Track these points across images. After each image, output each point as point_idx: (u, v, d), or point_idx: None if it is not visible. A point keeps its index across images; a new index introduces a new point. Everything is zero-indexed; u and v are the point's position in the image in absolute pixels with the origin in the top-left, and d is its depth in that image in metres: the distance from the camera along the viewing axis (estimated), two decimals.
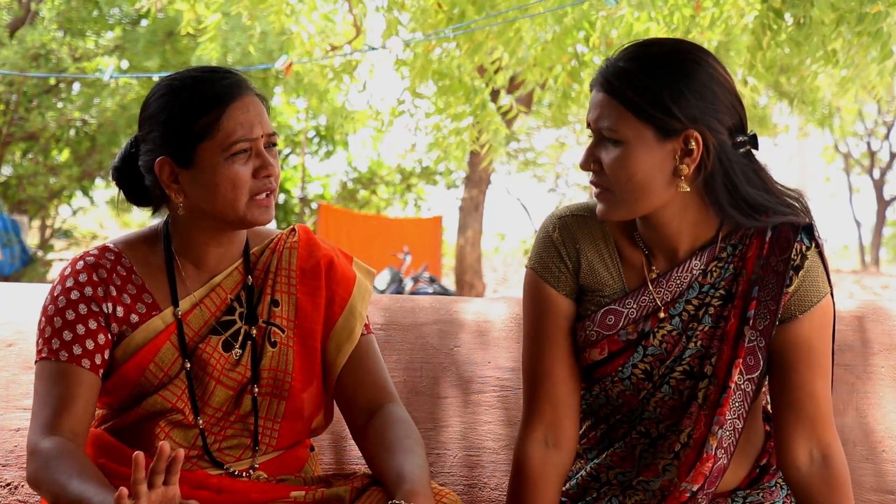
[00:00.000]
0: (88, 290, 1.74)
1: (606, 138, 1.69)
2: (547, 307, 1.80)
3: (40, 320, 1.75)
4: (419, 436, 1.77)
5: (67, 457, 1.61)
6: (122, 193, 1.83)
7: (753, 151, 1.73)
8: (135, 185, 1.80)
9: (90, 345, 1.72)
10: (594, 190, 1.75)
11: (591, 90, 1.74)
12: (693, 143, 1.66)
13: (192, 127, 1.70)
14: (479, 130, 6.08)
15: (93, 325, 1.73)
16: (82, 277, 1.75)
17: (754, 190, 1.70)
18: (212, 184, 1.71)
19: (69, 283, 1.75)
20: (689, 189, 1.69)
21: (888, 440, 2.28)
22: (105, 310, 1.74)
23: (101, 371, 1.73)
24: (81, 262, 1.78)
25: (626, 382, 1.78)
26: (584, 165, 1.73)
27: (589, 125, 1.72)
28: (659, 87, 1.65)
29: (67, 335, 1.71)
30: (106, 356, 1.74)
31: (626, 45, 1.74)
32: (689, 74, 1.66)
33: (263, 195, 1.73)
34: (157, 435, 1.75)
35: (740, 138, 1.69)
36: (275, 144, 1.77)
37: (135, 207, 1.86)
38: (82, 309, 1.73)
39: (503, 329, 2.40)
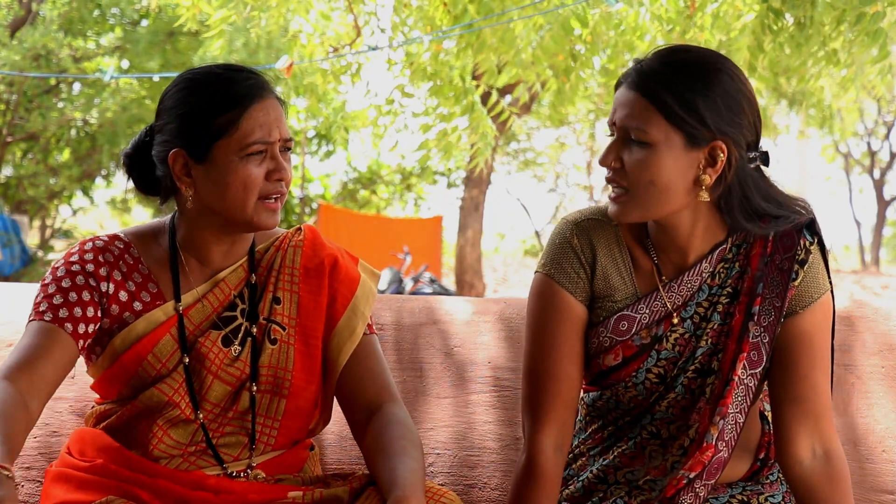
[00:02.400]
0: (90, 267, 1.75)
1: (632, 139, 1.68)
2: (563, 312, 1.80)
3: (37, 291, 1.76)
4: (416, 437, 1.76)
5: (2, 404, 1.57)
6: (130, 182, 1.83)
7: (763, 167, 1.75)
8: (145, 174, 1.80)
9: (77, 312, 1.71)
10: (610, 189, 1.74)
11: (616, 88, 1.73)
12: (720, 155, 1.67)
13: (210, 123, 1.70)
14: (470, 131, 6.05)
15: (86, 296, 1.73)
16: (88, 256, 1.77)
17: (766, 203, 1.72)
18: (223, 182, 1.71)
19: (73, 259, 1.76)
20: (708, 199, 1.70)
21: (888, 440, 2.28)
22: (103, 288, 1.75)
23: (82, 342, 1.72)
24: (90, 244, 1.79)
25: (639, 388, 1.79)
26: (605, 162, 1.72)
27: (613, 123, 1.71)
28: (695, 95, 1.65)
29: (57, 299, 1.72)
30: (91, 330, 1.73)
31: (658, 49, 1.73)
32: (723, 87, 1.66)
33: (272, 199, 1.74)
34: (154, 433, 1.75)
35: (753, 154, 1.71)
36: (290, 149, 1.77)
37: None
38: (79, 280, 1.74)
39: (503, 329, 2.40)
